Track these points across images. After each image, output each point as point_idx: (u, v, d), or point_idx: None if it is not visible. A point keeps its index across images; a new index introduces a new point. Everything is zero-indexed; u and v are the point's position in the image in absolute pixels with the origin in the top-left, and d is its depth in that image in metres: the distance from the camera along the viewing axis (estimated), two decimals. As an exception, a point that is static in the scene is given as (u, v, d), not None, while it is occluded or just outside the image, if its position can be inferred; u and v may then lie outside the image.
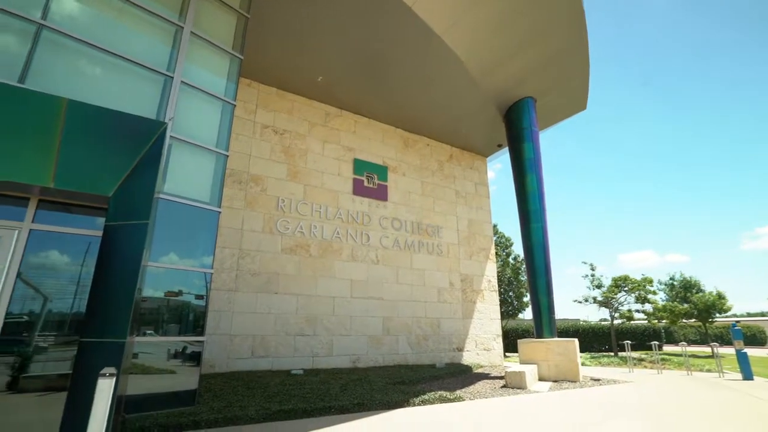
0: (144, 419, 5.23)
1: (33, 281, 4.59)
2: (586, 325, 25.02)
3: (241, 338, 9.60)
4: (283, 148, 11.60)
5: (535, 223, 11.90)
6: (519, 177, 12.52)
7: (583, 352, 21.12)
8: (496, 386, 9.07)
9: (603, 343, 23.16)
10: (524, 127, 12.69)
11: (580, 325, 25.22)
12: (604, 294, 19.97)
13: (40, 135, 4.27)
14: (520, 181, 12.46)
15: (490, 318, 14.78)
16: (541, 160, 12.56)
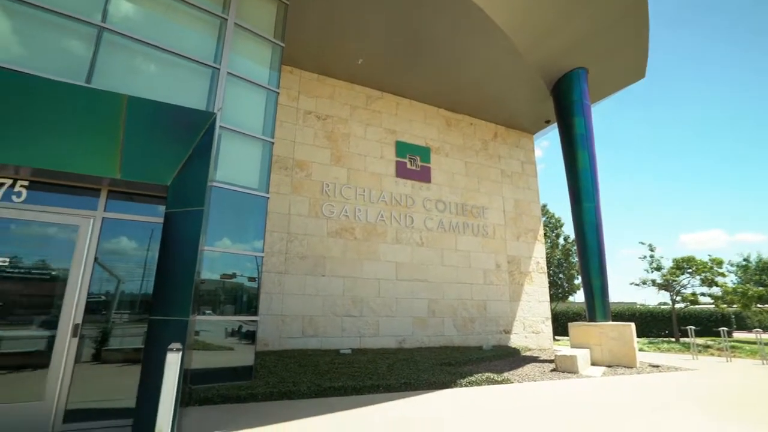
0: (207, 390, 5.66)
1: (107, 265, 5.04)
2: (644, 309, 23.70)
3: (292, 318, 10.04)
4: (325, 133, 11.76)
5: (587, 202, 11.32)
6: (569, 154, 11.89)
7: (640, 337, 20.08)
8: (545, 370, 8.88)
9: (662, 329, 21.88)
10: (574, 101, 11.97)
11: (636, 308, 23.94)
12: (664, 276, 18.76)
13: (107, 130, 4.61)
14: (570, 159, 11.85)
15: (539, 300, 14.40)
16: (593, 135, 11.84)
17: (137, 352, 4.84)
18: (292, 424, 4.79)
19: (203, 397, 5.50)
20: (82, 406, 4.46)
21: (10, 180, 4.67)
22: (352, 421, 5.00)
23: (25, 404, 4.18)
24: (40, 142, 4.37)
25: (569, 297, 24.77)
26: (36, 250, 4.55)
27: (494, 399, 6.32)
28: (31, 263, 4.45)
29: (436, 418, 5.18)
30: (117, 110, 4.63)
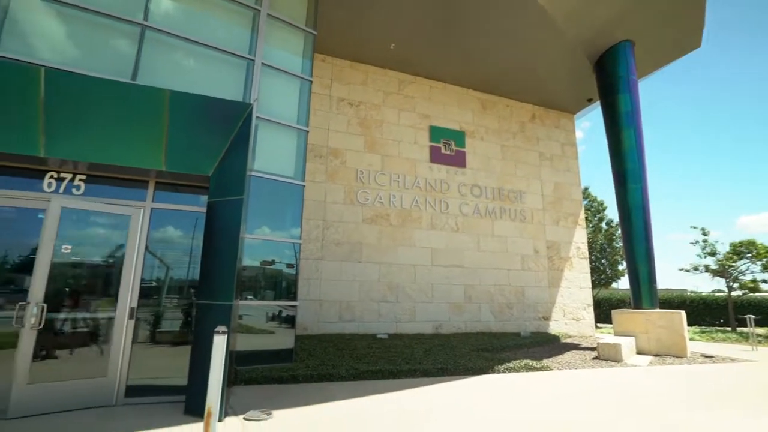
0: (251, 371, 5.93)
1: (157, 253, 5.35)
2: (695, 296, 22.39)
3: (329, 304, 10.28)
4: (359, 120, 11.77)
5: (633, 183, 10.73)
6: (613, 133, 11.28)
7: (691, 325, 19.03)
8: (587, 358, 8.64)
9: (717, 317, 20.60)
10: (620, 77, 11.28)
11: (687, 296, 22.64)
12: (719, 262, 17.58)
13: (152, 125, 4.83)
14: (614, 138, 11.24)
15: (580, 287, 13.93)
16: (640, 112, 11.14)
17: (187, 334, 5.13)
18: (332, 404, 4.95)
19: (248, 378, 5.78)
20: (141, 383, 4.81)
21: (71, 174, 5.02)
22: (390, 403, 5.09)
23: (92, 380, 4.56)
24: (94, 138, 4.65)
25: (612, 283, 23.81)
26: (95, 239, 4.89)
27: (533, 386, 6.23)
28: (91, 251, 4.79)
29: (474, 404, 5.18)
30: (160, 105, 4.83)
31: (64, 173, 4.99)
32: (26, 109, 4.39)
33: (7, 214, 4.91)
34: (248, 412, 4.45)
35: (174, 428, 3.94)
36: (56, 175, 4.97)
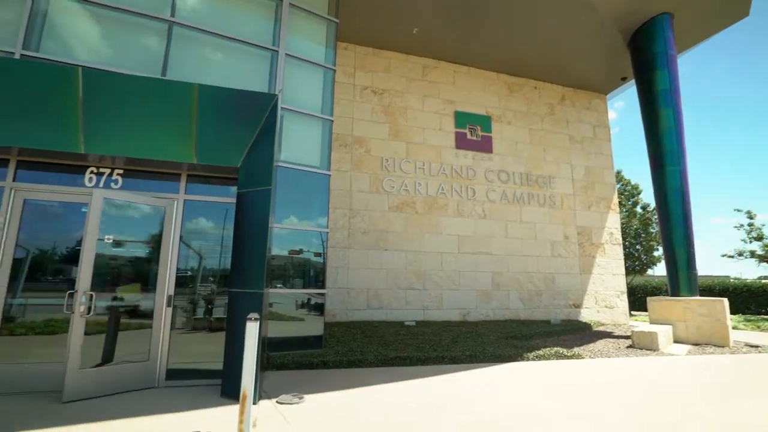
0: (283, 357, 6.11)
1: (191, 243, 5.54)
2: (739, 283, 21.26)
3: (357, 291, 10.40)
4: (383, 108, 11.69)
5: (671, 166, 10.23)
6: (650, 113, 10.74)
7: (735, 314, 18.15)
8: (621, 346, 8.41)
9: (763, 305, 19.54)
10: (657, 52, 10.68)
11: (730, 283, 21.53)
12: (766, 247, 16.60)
13: (182, 118, 4.97)
14: (651, 118, 10.70)
15: (613, 273, 13.51)
16: (679, 89, 10.55)
17: (220, 321, 5.33)
18: (361, 390, 5.04)
19: (280, 363, 5.96)
20: (180, 367, 5.05)
21: (109, 169, 5.25)
22: (419, 389, 5.14)
23: (136, 364, 4.82)
24: (128, 133, 4.83)
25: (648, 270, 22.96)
26: (133, 231, 5.11)
27: (564, 374, 6.14)
28: (130, 242, 5.01)
29: (504, 391, 5.15)
30: (190, 99, 4.95)
31: (103, 168, 5.23)
32: (66, 108, 4.60)
33: (53, 208, 5.20)
34: (281, 395, 4.60)
35: (212, 409, 4.12)
36: (96, 171, 5.21)
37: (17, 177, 4.96)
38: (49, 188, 5.06)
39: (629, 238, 21.93)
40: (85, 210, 5.11)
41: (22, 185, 4.94)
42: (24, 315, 4.87)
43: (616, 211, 14.06)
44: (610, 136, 14.57)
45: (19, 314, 4.84)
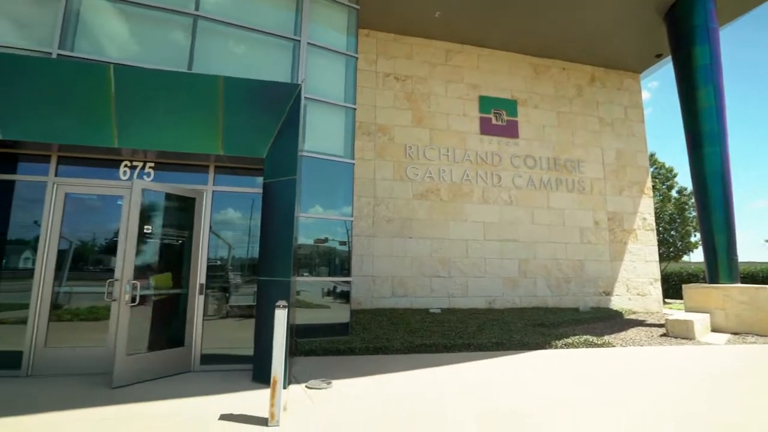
0: (310, 343, 6.25)
1: (220, 233, 5.70)
2: (784, 268, 20.14)
3: (382, 279, 10.48)
4: (405, 95, 11.56)
5: (710, 147, 9.70)
6: (687, 91, 10.18)
7: (778, 300, 17.23)
8: (654, 334, 8.16)
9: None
10: (696, 25, 10.06)
11: (773, 268, 20.43)
12: (814, 230, 15.58)
13: (208, 110, 5.06)
14: (688, 97, 10.15)
15: (645, 260, 13.05)
16: (720, 65, 9.93)
17: (250, 308, 5.49)
18: (388, 376, 5.11)
19: (308, 349, 6.10)
20: (213, 352, 5.25)
21: (141, 162, 5.44)
22: (445, 376, 5.16)
23: (175, 349, 5.04)
24: (158, 127, 4.97)
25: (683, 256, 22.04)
26: (166, 222, 5.28)
27: (594, 362, 6.02)
28: (164, 233, 5.19)
29: (531, 378, 5.11)
30: (215, 91, 5.04)
31: (136, 162, 5.42)
32: (100, 104, 4.77)
33: (92, 201, 5.45)
34: (310, 380, 4.72)
35: (246, 393, 4.28)
36: (129, 164, 5.40)
37: (58, 172, 5.21)
38: (87, 182, 5.29)
39: (663, 224, 21.07)
40: (120, 202, 5.33)
41: (63, 180, 5.18)
42: (69, 302, 5.16)
43: (649, 196, 13.51)
44: (643, 117, 13.94)
45: (65, 302, 5.14)
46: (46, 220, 5.03)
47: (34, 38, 5.58)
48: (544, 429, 3.49)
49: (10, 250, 5.13)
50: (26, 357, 4.78)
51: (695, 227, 20.04)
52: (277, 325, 3.58)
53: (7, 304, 4.97)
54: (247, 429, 3.35)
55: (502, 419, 3.71)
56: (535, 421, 3.67)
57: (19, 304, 4.92)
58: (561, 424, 3.58)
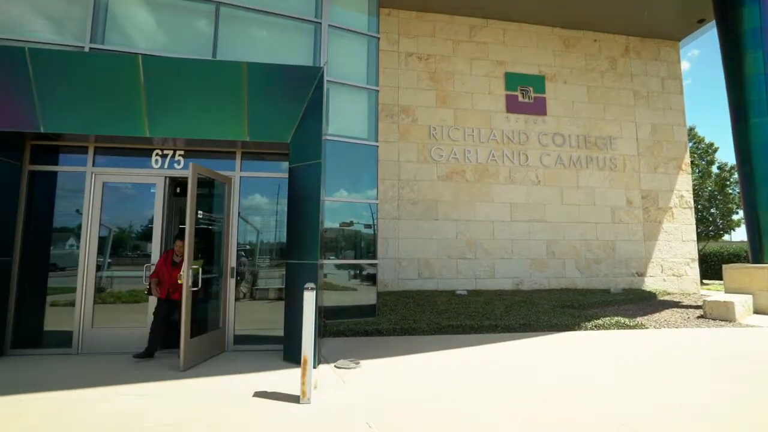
0: (339, 325, 6.39)
1: (248, 218, 5.85)
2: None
3: (408, 261, 10.52)
4: (429, 74, 11.33)
5: (758, 117, 9.09)
6: (733, 58, 9.51)
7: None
8: (690, 316, 7.89)
9: None
10: (743, -13, 9.32)
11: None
12: None
13: (233, 97, 5.12)
14: (734, 64, 9.49)
15: (682, 240, 12.52)
16: (770, 29, 9.19)
17: (279, 291, 5.64)
18: (415, 356, 5.17)
19: (336, 330, 6.24)
20: (245, 333, 5.46)
21: (171, 151, 5.60)
22: (473, 357, 5.18)
23: (214, 331, 5.26)
24: (186, 115, 5.08)
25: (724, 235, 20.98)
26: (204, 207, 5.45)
27: (626, 344, 5.89)
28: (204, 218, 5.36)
29: (558, 359, 5.06)
30: (239, 77, 5.08)
31: (166, 150, 5.58)
32: (131, 95, 4.91)
33: (127, 190, 5.68)
34: (339, 360, 4.84)
35: (278, 372, 4.44)
36: (161, 153, 5.58)
37: (96, 162, 5.44)
38: (123, 171, 5.51)
39: (701, 201, 20.06)
40: (153, 190, 5.53)
41: (100, 170, 5.42)
42: (111, 286, 5.46)
43: (687, 172, 12.87)
44: (681, 89, 13.16)
45: (107, 285, 5.44)
46: (86, 209, 5.29)
47: (67, 33, 5.78)
48: (568, 405, 3.47)
49: (57, 237, 5.46)
50: (76, 336, 5.12)
51: (738, 204, 18.98)
52: (306, 306, 3.66)
53: (57, 288, 5.32)
54: (281, 405, 3.49)
55: (533, 401, 3.71)
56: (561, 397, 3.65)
57: (68, 287, 5.26)
58: (585, 403, 3.55)
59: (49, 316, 5.22)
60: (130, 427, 3.04)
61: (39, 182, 5.38)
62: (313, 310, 3.69)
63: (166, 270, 5.06)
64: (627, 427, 3.09)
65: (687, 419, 3.27)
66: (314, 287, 3.73)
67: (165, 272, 5.05)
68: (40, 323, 5.20)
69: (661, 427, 3.11)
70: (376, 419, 3.21)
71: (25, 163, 5.28)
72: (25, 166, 5.27)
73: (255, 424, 3.12)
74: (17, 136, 5.07)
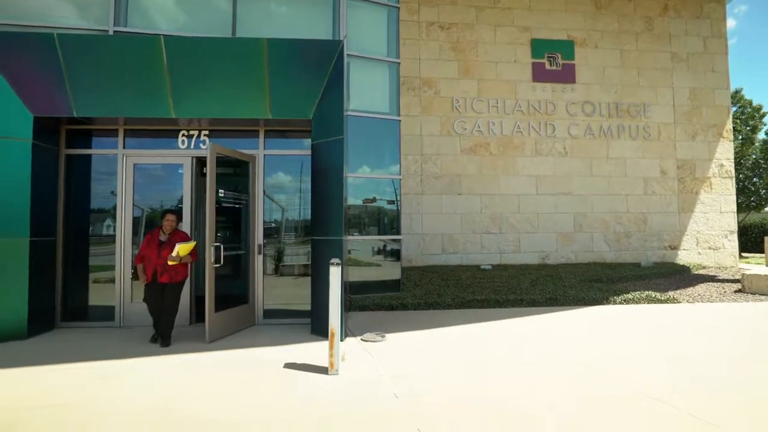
0: (364, 299, 6.51)
1: (273, 196, 5.94)
2: None
3: (431, 237, 10.51)
4: (451, 44, 10.96)
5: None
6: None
7: None
8: (727, 290, 7.61)
9: None
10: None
11: None
12: None
13: (254, 74, 5.12)
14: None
15: (720, 211, 11.94)
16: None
17: (305, 267, 5.77)
18: (440, 329, 5.24)
19: (361, 305, 6.37)
20: (274, 307, 5.65)
21: (196, 131, 5.70)
22: (498, 331, 5.20)
23: (244, 306, 5.47)
24: (209, 94, 5.13)
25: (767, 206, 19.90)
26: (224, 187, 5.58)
27: (657, 318, 5.77)
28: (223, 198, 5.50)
29: (584, 333, 5.02)
30: (260, 54, 5.06)
31: (192, 131, 5.68)
32: (156, 76, 4.99)
33: (156, 170, 5.85)
34: (365, 334, 4.96)
35: (306, 344, 4.60)
36: (186, 133, 5.68)
37: (126, 144, 5.61)
38: (151, 152, 5.67)
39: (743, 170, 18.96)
40: (181, 171, 5.67)
41: (130, 151, 5.59)
42: (147, 263, 5.71)
43: (729, 139, 12.13)
44: (726, 49, 12.24)
45: (143, 262, 5.69)
46: (120, 190, 5.50)
47: (91, 18, 5.86)
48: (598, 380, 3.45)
49: (95, 218, 5.73)
50: (117, 310, 5.44)
51: (784, 173, 17.89)
52: (332, 281, 3.74)
53: (98, 266, 5.62)
54: (309, 375, 3.63)
55: (562, 376, 3.71)
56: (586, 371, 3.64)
57: (107, 266, 5.55)
58: (616, 377, 3.52)
59: (92, 292, 5.55)
60: (174, 394, 3.24)
61: (75, 166, 5.61)
62: (338, 284, 3.77)
63: (152, 251, 4.61)
64: (662, 402, 3.06)
65: (723, 394, 3.21)
66: (339, 262, 3.79)
67: (150, 253, 4.60)
68: (85, 298, 5.54)
69: (696, 401, 3.06)
70: (402, 390, 3.30)
71: (62, 148, 5.50)
72: (61, 150, 5.49)
73: (285, 393, 3.26)
74: (53, 122, 5.27)
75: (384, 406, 3.02)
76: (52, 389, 3.34)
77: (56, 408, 2.99)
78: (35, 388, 3.35)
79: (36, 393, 3.26)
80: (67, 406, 3.02)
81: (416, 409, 2.95)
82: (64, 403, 3.07)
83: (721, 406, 2.97)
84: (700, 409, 2.89)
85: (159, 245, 4.64)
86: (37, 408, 2.98)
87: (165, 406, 3.03)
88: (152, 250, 4.61)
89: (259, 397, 3.18)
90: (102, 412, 2.92)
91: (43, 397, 3.19)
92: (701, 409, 2.88)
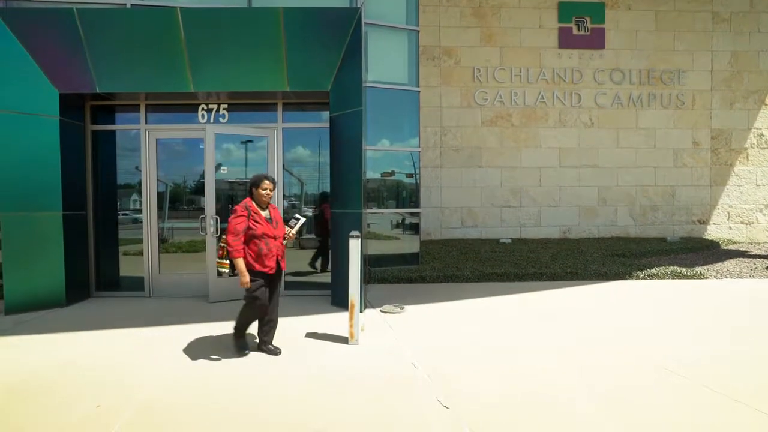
0: (383, 272, 6.58)
1: (292, 170, 5.97)
2: None
3: (450, 210, 10.44)
4: (472, 10, 10.49)
5: None
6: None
7: None
8: (758, 266, 7.35)
9: None
10: None
11: None
12: None
13: (271, 45, 5.05)
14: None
15: (755, 184, 11.38)
16: None
17: (324, 240, 5.84)
18: (458, 302, 5.28)
19: (380, 278, 6.45)
20: (294, 280, 5.78)
21: (216, 105, 5.72)
22: (517, 304, 5.20)
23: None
24: (227, 67, 5.11)
25: (807, 177, 18.84)
26: (243, 161, 5.64)
27: (682, 293, 5.64)
28: (242, 172, 5.57)
29: (604, 307, 4.97)
30: (276, 24, 4.97)
31: (211, 105, 5.70)
32: (174, 50, 4.97)
33: (178, 145, 5.94)
34: (384, 305, 5.04)
35: (327, 315, 4.72)
36: (206, 107, 5.71)
37: (148, 120, 5.69)
38: (173, 127, 5.74)
39: (784, 140, 17.93)
40: (202, 146, 5.73)
41: (153, 126, 5.67)
42: (172, 237, 5.91)
43: (769, 107, 11.40)
44: (773, 7, 11.33)
45: (169, 236, 5.88)
46: (144, 165, 5.63)
47: (108, -10, 5.83)
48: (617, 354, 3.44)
49: (122, 193, 5.90)
50: (146, 281, 5.67)
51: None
52: (351, 253, 3.78)
53: (127, 239, 5.83)
54: (331, 345, 3.73)
55: (581, 350, 3.71)
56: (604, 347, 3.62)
57: (135, 239, 5.75)
58: (634, 351, 3.50)
59: (122, 263, 5.79)
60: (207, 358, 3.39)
61: (101, 142, 5.74)
62: (358, 256, 3.81)
63: (268, 227, 3.42)
64: (678, 374, 3.03)
65: (749, 371, 3.16)
66: (359, 235, 3.82)
67: (268, 231, 3.40)
68: (116, 270, 5.79)
69: (722, 378, 3.02)
70: (421, 360, 3.36)
71: (87, 124, 5.62)
72: (87, 126, 5.62)
73: (307, 361, 3.38)
74: (78, 98, 5.37)
75: (403, 375, 3.09)
76: (94, 352, 3.55)
77: (101, 369, 3.18)
78: (77, 352, 3.56)
79: (81, 355, 3.47)
80: (110, 368, 3.21)
81: (435, 378, 3.01)
82: (106, 365, 3.27)
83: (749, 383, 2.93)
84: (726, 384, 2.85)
85: (267, 221, 3.46)
86: (82, 369, 3.18)
87: (199, 369, 3.18)
88: (266, 225, 3.42)
89: (279, 365, 3.30)
90: (139, 373, 3.09)
91: (88, 357, 3.40)
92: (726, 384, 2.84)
